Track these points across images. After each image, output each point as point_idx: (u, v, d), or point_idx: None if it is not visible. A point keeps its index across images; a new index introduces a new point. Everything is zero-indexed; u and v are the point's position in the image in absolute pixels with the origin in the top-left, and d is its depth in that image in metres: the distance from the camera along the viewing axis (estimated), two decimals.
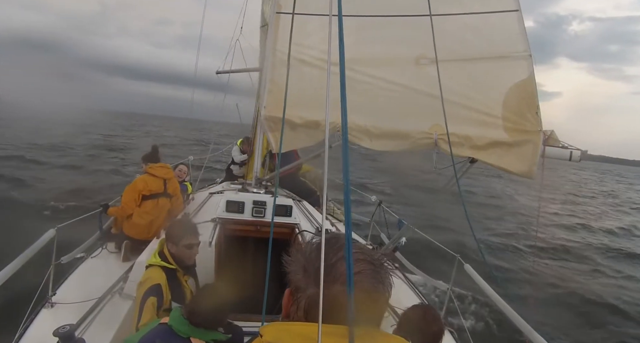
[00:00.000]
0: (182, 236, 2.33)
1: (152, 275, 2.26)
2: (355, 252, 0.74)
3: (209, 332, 1.84)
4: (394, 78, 3.05)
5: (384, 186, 15.28)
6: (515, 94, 2.55)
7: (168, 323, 1.80)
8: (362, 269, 0.73)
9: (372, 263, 0.75)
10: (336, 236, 0.79)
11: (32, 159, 15.52)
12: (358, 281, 0.70)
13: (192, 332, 1.78)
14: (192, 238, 2.36)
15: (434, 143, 2.75)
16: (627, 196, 29.45)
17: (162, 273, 2.27)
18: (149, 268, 2.32)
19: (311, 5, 2.99)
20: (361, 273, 0.72)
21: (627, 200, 26.44)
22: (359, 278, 0.71)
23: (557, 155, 2.42)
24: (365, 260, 0.74)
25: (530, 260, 8.78)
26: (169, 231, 2.40)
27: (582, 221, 14.94)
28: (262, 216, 3.55)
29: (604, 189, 33.77)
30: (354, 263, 0.71)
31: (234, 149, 7.37)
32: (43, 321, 2.50)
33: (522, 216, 13.93)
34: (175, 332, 1.77)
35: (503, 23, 2.71)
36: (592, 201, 23.27)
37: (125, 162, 17.22)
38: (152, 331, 1.80)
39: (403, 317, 1.98)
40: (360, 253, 0.75)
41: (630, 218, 18.00)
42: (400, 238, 4.03)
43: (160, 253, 2.35)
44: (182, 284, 2.38)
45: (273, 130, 3.70)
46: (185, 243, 2.33)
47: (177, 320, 1.80)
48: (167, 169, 4.06)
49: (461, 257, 3.20)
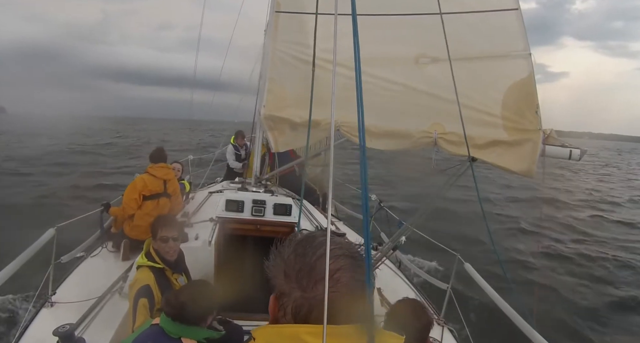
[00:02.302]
0: (157, 230, 2.31)
1: (140, 276, 2.26)
2: (334, 248, 0.71)
3: (199, 330, 1.82)
4: (394, 77, 3.04)
5: (384, 187, 15.29)
6: (515, 93, 2.55)
7: (160, 324, 1.78)
8: (342, 265, 0.71)
9: (352, 257, 0.73)
10: (313, 235, 0.77)
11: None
12: (339, 278, 0.69)
13: (182, 332, 1.76)
14: (166, 230, 2.31)
15: (433, 141, 2.75)
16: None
17: (150, 274, 2.26)
18: (138, 269, 2.32)
19: (312, 4, 2.98)
20: (342, 269, 0.71)
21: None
22: (340, 275, 0.70)
23: (557, 154, 2.42)
24: (344, 254, 0.73)
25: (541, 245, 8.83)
26: (150, 227, 2.39)
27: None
28: (261, 215, 3.55)
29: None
30: (334, 259, 0.70)
31: (229, 150, 7.37)
32: (43, 320, 2.50)
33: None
34: (166, 333, 1.75)
35: (502, 22, 2.70)
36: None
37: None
38: (144, 333, 1.79)
39: (391, 311, 1.99)
40: (339, 248, 0.73)
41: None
42: (400, 237, 4.03)
43: (147, 253, 2.34)
44: (171, 283, 2.36)
45: (272, 129, 3.70)
46: (160, 236, 2.30)
47: (166, 320, 1.78)
48: (167, 169, 4.05)
49: (461, 256, 3.20)
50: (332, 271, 0.68)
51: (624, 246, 10.02)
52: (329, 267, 0.66)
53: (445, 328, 2.93)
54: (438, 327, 2.93)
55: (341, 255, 0.72)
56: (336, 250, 0.72)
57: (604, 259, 8.77)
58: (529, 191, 15.58)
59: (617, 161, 45.33)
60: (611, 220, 12.96)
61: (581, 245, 9.77)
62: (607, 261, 8.63)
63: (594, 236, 10.72)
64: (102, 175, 14.75)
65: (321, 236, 0.75)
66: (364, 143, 0.75)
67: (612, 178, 26.15)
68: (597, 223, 12.33)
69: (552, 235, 10.12)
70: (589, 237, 10.61)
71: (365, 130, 2.71)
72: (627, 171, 32.79)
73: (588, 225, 11.84)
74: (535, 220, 11.43)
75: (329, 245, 0.68)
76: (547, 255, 8.84)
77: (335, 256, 0.71)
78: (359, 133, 0.73)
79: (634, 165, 42.11)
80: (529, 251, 8.56)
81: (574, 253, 9.00)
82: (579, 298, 6.72)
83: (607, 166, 36.24)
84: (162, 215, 3.04)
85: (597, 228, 11.63)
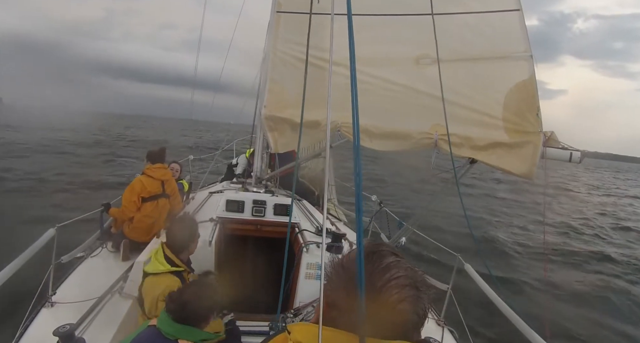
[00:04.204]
0: (191, 242, 2.43)
1: (168, 282, 2.20)
2: (401, 276, 0.69)
3: (196, 331, 1.80)
4: (394, 78, 3.04)
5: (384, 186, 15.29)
6: (516, 95, 2.55)
7: (157, 326, 1.76)
8: (407, 296, 0.69)
9: (417, 288, 0.71)
10: (378, 252, 0.73)
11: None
12: (402, 311, 0.68)
13: (178, 333, 1.74)
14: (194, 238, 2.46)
15: (434, 143, 2.75)
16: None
17: (175, 278, 2.25)
18: (158, 276, 2.24)
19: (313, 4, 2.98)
20: (406, 301, 0.68)
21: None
22: (403, 307, 0.68)
23: (557, 156, 2.42)
24: (410, 285, 0.70)
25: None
26: (178, 238, 2.40)
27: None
28: (262, 215, 3.55)
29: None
30: (399, 289, 0.69)
31: (241, 161, 7.29)
32: (43, 320, 2.49)
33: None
34: (163, 334, 1.73)
35: (504, 23, 2.70)
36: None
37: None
38: (141, 334, 1.77)
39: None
40: (405, 277, 0.70)
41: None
42: (400, 238, 4.03)
43: (166, 258, 2.30)
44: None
45: (272, 129, 3.70)
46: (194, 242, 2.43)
47: (163, 321, 1.77)
48: (164, 170, 4.04)
49: (462, 257, 3.19)
50: (396, 302, 0.68)
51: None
52: (394, 298, 0.67)
53: (446, 328, 2.93)
54: (438, 327, 2.93)
55: (407, 285, 0.70)
56: (403, 279, 0.70)
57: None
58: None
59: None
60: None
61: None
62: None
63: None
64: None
65: (389, 255, 0.72)
66: (358, 141, 0.75)
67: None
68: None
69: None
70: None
71: (364, 130, 2.71)
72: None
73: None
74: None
75: (398, 271, 0.69)
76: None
77: (402, 286, 0.69)
78: (353, 131, 0.73)
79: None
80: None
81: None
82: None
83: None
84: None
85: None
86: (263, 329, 2.64)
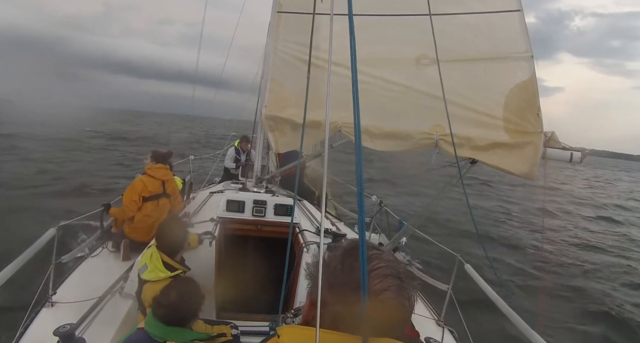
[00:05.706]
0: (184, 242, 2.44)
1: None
2: (382, 266, 0.70)
3: (185, 331, 1.80)
4: (395, 78, 3.04)
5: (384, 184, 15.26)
6: (517, 95, 2.55)
7: (145, 329, 1.76)
8: (390, 286, 0.69)
9: (399, 278, 0.71)
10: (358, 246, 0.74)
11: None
12: (385, 299, 0.68)
13: (167, 335, 1.74)
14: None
15: (434, 143, 2.75)
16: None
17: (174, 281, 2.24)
18: (160, 283, 2.19)
19: (312, 4, 2.97)
20: (388, 290, 0.69)
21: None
22: (385, 296, 0.68)
23: (558, 156, 2.41)
24: (392, 274, 0.71)
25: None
26: (172, 240, 2.40)
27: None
28: (262, 215, 3.55)
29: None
30: (381, 278, 0.69)
31: (229, 152, 7.38)
32: (43, 320, 2.49)
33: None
34: (152, 337, 1.73)
35: (504, 23, 2.70)
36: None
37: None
38: (129, 338, 1.77)
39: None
40: (386, 267, 0.71)
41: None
42: (401, 238, 4.03)
43: (165, 264, 2.30)
44: None
45: (273, 129, 3.69)
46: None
47: (152, 324, 1.76)
48: (165, 170, 4.05)
49: (462, 257, 3.19)
50: (378, 291, 0.68)
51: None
52: (377, 287, 0.67)
53: (446, 328, 2.93)
54: (438, 327, 2.94)
55: (389, 274, 0.70)
56: (384, 269, 0.70)
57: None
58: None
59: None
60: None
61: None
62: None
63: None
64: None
65: (370, 249, 0.73)
66: (359, 141, 0.75)
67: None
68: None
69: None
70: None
71: (365, 130, 2.70)
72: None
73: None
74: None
75: (379, 262, 0.69)
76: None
77: (384, 276, 0.70)
78: (355, 131, 0.73)
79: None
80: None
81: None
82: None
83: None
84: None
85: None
86: (263, 329, 2.63)
